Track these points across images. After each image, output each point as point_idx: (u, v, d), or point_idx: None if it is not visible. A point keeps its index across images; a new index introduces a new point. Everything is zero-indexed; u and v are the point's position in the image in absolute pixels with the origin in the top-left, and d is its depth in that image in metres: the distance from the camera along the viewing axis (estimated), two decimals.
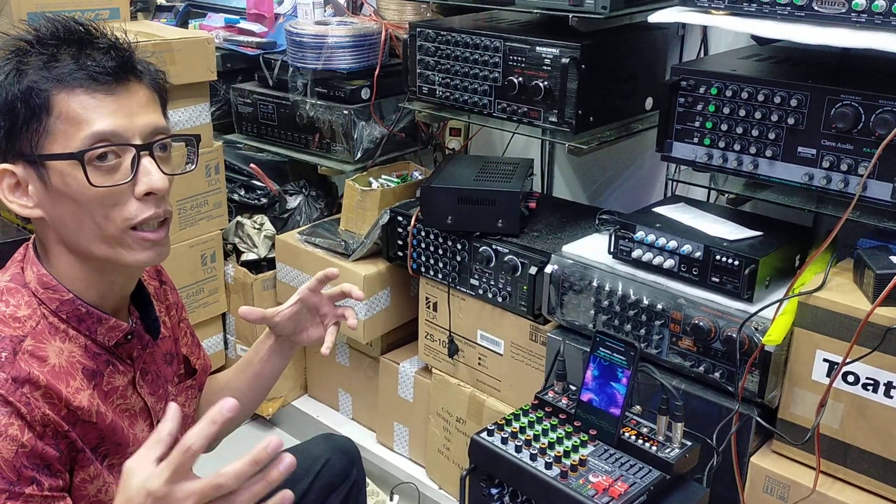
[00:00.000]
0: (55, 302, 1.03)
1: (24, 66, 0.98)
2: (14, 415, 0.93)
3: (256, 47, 2.48)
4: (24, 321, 1.00)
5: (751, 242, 1.48)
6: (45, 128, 0.98)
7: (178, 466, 0.84)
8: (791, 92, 1.35)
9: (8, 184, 1.01)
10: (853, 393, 1.33)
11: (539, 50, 1.69)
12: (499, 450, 1.24)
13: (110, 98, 1.00)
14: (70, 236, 1.02)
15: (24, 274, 1.04)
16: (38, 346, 0.99)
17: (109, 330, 1.07)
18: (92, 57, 0.99)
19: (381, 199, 2.09)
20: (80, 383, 1.02)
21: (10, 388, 0.94)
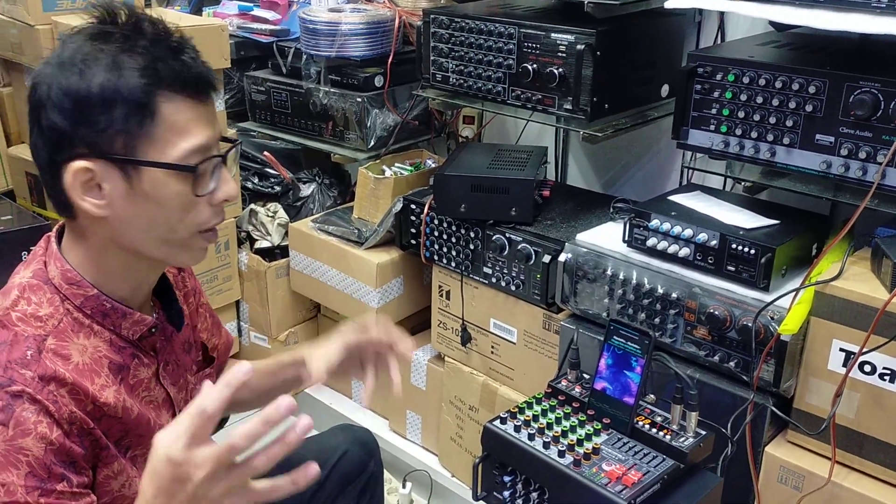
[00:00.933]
0: (79, 297, 1.02)
1: (121, 62, 0.95)
2: (42, 412, 0.93)
3: (270, 35, 2.48)
4: (45, 320, 0.99)
5: (767, 231, 1.47)
6: (146, 132, 0.96)
7: (196, 430, 0.84)
8: (809, 79, 1.34)
9: (82, 181, 0.97)
10: (869, 383, 1.32)
11: (554, 36, 1.68)
12: (512, 438, 1.24)
13: (203, 108, 1.00)
14: (131, 236, 1.01)
15: (47, 269, 1.03)
16: (61, 344, 0.99)
17: (134, 324, 1.06)
18: (190, 65, 0.99)
19: (394, 186, 2.09)
20: (106, 379, 1.02)
21: (38, 385, 0.94)
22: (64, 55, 0.96)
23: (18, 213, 2.31)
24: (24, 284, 1.02)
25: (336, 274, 2.20)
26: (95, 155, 0.96)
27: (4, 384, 0.92)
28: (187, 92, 0.98)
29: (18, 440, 0.91)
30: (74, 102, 0.95)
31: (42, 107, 0.97)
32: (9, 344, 0.95)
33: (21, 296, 1.00)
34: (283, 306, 2.42)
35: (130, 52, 0.96)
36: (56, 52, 0.98)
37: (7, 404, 0.91)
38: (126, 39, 0.97)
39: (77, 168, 0.96)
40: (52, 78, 0.96)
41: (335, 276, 2.21)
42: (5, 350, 0.95)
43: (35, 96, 0.98)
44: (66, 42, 0.98)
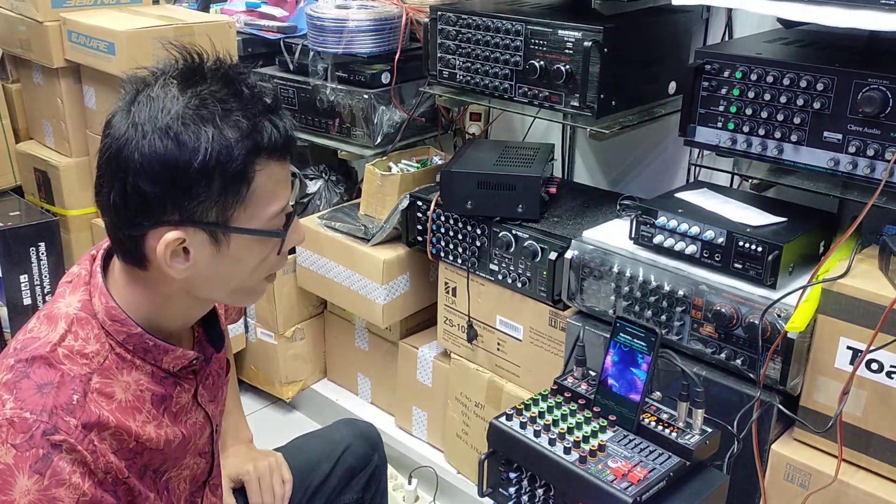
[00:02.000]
0: (122, 335, 1.00)
1: (222, 129, 0.91)
2: (78, 462, 0.93)
3: (277, 31, 2.48)
4: (91, 357, 0.97)
5: (774, 228, 1.47)
6: (241, 200, 0.94)
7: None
8: (817, 76, 1.33)
9: (174, 250, 0.94)
10: (877, 381, 1.32)
11: (561, 33, 1.68)
12: (518, 434, 1.24)
13: (286, 167, 0.99)
14: (206, 289, 1.01)
15: (93, 302, 1.00)
16: (105, 381, 0.97)
17: (175, 359, 1.05)
18: (281, 127, 0.97)
19: (400, 183, 2.09)
20: (147, 415, 1.01)
21: (80, 435, 0.93)
22: (157, 115, 0.90)
23: (27, 209, 2.33)
24: (72, 317, 0.99)
25: (342, 270, 2.20)
26: (188, 223, 0.93)
27: (49, 432, 0.91)
28: (280, 155, 0.97)
29: (52, 490, 0.91)
30: (171, 174, 0.90)
31: (129, 171, 0.91)
32: (55, 386, 0.94)
33: (69, 329, 0.98)
34: (289, 303, 2.43)
35: (229, 115, 0.92)
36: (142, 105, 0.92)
37: (47, 454, 0.91)
38: (222, 101, 0.92)
39: (170, 239, 0.93)
40: (145, 143, 0.90)
41: (342, 273, 2.21)
42: (52, 393, 0.93)
43: (119, 160, 0.92)
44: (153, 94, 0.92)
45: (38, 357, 0.95)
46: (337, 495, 1.47)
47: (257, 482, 1.39)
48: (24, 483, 0.90)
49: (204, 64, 0.96)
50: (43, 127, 2.55)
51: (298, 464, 1.45)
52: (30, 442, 0.90)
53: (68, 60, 2.32)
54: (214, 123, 0.91)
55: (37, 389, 0.93)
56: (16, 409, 0.92)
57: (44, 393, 0.93)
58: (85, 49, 2.23)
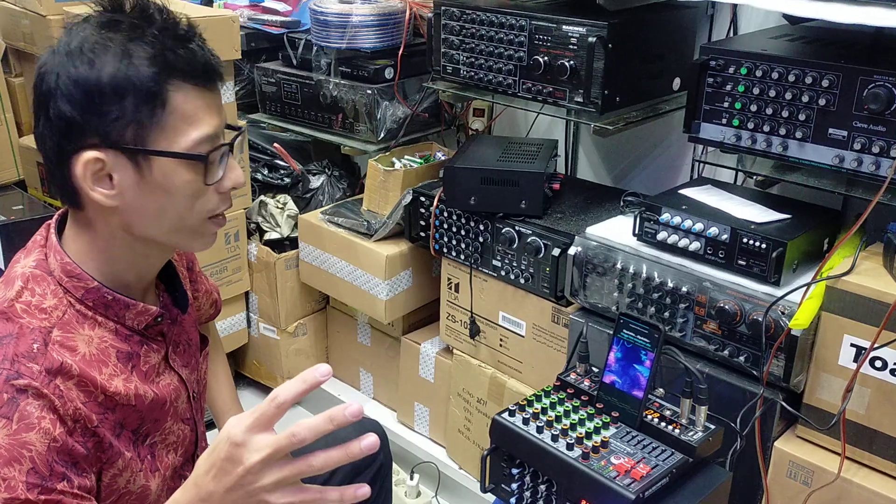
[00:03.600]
0: (80, 290, 1.01)
1: (131, 52, 0.95)
2: (47, 408, 0.92)
3: (281, 26, 2.48)
4: (50, 312, 0.98)
5: (778, 225, 1.46)
6: (157, 121, 0.96)
7: (262, 417, 0.85)
8: (823, 72, 1.33)
9: (93, 171, 0.97)
10: (881, 378, 1.32)
11: (565, 29, 1.67)
12: (520, 430, 1.24)
13: (211, 96, 1.01)
14: (142, 224, 1.02)
15: (48, 261, 1.02)
16: (67, 335, 0.98)
17: (138, 315, 1.06)
18: (198, 53, 0.99)
19: (403, 179, 2.09)
20: (114, 369, 1.02)
21: (45, 379, 0.93)
22: (72, 44, 0.95)
23: (30, 203, 2.33)
24: (27, 275, 1.00)
25: (345, 266, 2.20)
26: (106, 145, 0.96)
27: (11, 377, 0.91)
28: (196, 80, 0.98)
29: (22, 434, 0.90)
30: (85, 92, 0.94)
31: (51, 96, 0.96)
32: (15, 336, 0.95)
33: (25, 286, 0.99)
34: (292, 298, 2.43)
35: (139, 40, 0.96)
36: (63, 40, 0.97)
37: (12, 398, 0.91)
38: (134, 28, 0.96)
39: (88, 158, 0.96)
40: (60, 67, 0.95)
41: (344, 268, 2.21)
42: (11, 343, 0.94)
43: (42, 86, 0.97)
44: (73, 31, 0.97)
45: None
46: None
47: None
48: None
49: (123, 4, 1.00)
50: None
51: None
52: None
53: None
54: (123, 44, 0.95)
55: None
56: None
57: (3, 344, 0.94)
58: None
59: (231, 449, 0.85)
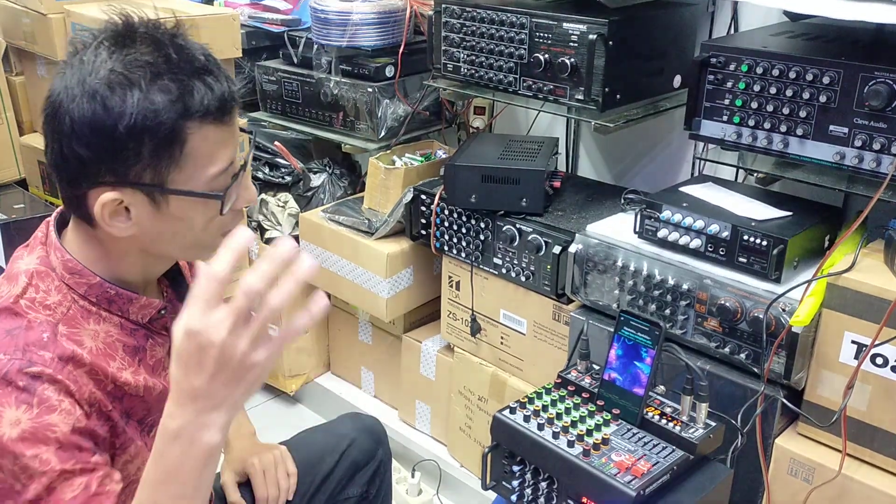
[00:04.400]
0: (83, 286, 1.01)
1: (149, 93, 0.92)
2: (63, 392, 0.93)
3: (281, 24, 2.48)
4: (54, 308, 0.99)
5: (779, 223, 1.46)
6: (175, 162, 0.95)
7: (208, 296, 0.81)
8: (823, 69, 1.33)
9: (111, 211, 0.96)
10: (881, 375, 1.32)
11: (566, 26, 1.67)
12: (521, 427, 1.24)
13: (227, 128, 0.99)
14: (157, 246, 1.02)
15: (50, 259, 1.02)
16: (73, 331, 0.98)
17: (141, 308, 1.06)
18: (215, 88, 0.96)
19: (404, 177, 2.09)
20: (122, 362, 1.02)
21: (57, 366, 0.93)
22: (87, 81, 0.92)
23: (31, 202, 2.33)
24: (31, 271, 1.01)
25: (346, 264, 2.20)
26: (123, 184, 0.95)
27: (24, 366, 0.92)
28: (214, 118, 0.96)
29: (44, 417, 0.91)
30: (101, 136, 0.92)
31: (63, 135, 0.94)
32: (24, 328, 0.95)
33: (30, 283, 0.99)
34: None
35: (157, 80, 0.93)
36: (75, 69, 0.94)
37: (28, 384, 0.91)
38: (150, 65, 0.93)
39: (105, 200, 0.95)
40: (75, 107, 0.92)
41: (345, 267, 2.21)
42: (21, 334, 0.95)
43: (55, 122, 0.94)
44: (86, 59, 0.94)
45: (2, 309, 0.96)
46: (341, 489, 1.47)
47: (262, 475, 1.39)
48: (11, 414, 0.89)
49: (136, 27, 0.97)
50: None
51: (303, 458, 1.45)
52: (6, 378, 0.91)
53: None
54: (140, 87, 0.92)
55: (5, 333, 0.94)
56: None
57: (13, 335, 0.94)
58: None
59: (195, 339, 0.81)
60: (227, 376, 0.83)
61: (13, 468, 0.89)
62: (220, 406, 0.84)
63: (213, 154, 0.98)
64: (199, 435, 0.84)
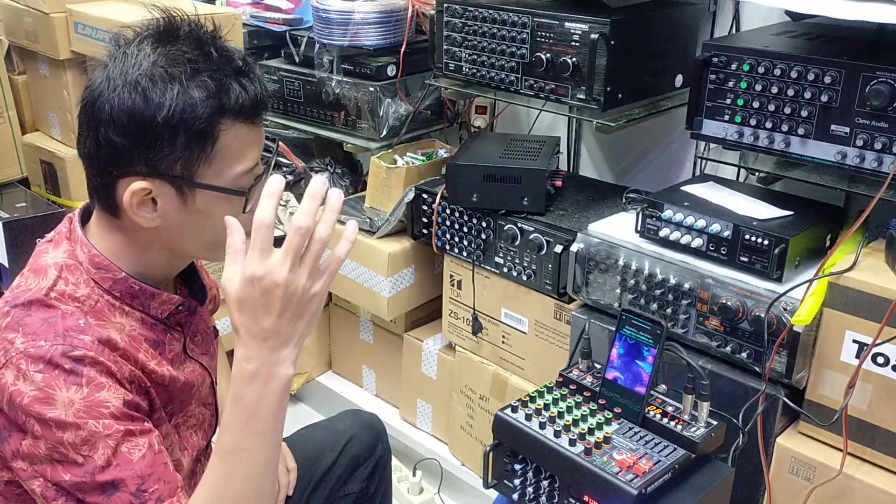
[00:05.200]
0: (108, 281, 1.04)
1: (189, 88, 0.95)
2: (105, 373, 0.96)
3: (283, 24, 2.48)
4: (83, 301, 1.01)
5: (781, 222, 1.46)
6: (206, 157, 0.98)
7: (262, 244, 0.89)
8: (825, 69, 1.33)
9: (139, 199, 0.99)
10: (883, 374, 1.32)
11: (568, 25, 1.67)
12: (523, 426, 1.24)
13: (256, 130, 1.03)
14: (180, 241, 1.04)
15: (76, 252, 1.04)
16: (100, 323, 1.01)
17: (162, 304, 1.08)
18: (250, 89, 1.00)
19: (406, 176, 2.09)
20: (146, 354, 1.05)
21: (98, 348, 0.96)
22: (129, 74, 0.95)
23: (33, 201, 2.33)
24: (60, 264, 1.02)
25: (348, 263, 2.21)
26: (153, 175, 0.98)
27: (67, 350, 0.94)
28: (246, 117, 1.00)
29: (95, 395, 0.94)
30: (138, 126, 0.95)
31: (101, 122, 0.97)
32: (59, 316, 0.98)
33: (59, 275, 1.01)
34: None
35: (197, 77, 0.96)
36: (118, 63, 0.97)
37: (74, 367, 0.94)
38: (192, 62, 0.97)
39: (136, 189, 0.98)
40: (115, 96, 0.95)
41: (347, 265, 2.21)
42: (58, 320, 0.97)
43: (94, 109, 0.97)
44: (129, 53, 0.97)
45: (34, 301, 0.98)
46: (341, 486, 1.48)
47: None
48: (64, 396, 0.93)
49: (179, 26, 1.00)
50: (49, 119, 2.55)
51: (302, 454, 1.45)
52: (52, 363, 0.93)
53: (74, 52, 2.32)
54: (181, 81, 0.95)
55: (42, 322, 0.96)
56: (27, 341, 0.94)
57: (50, 323, 0.96)
58: (91, 41, 2.23)
59: (259, 284, 0.89)
60: (293, 312, 0.91)
61: (74, 441, 0.92)
62: (290, 340, 0.92)
63: (242, 152, 1.01)
64: (275, 371, 0.92)
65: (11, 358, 0.94)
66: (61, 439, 0.92)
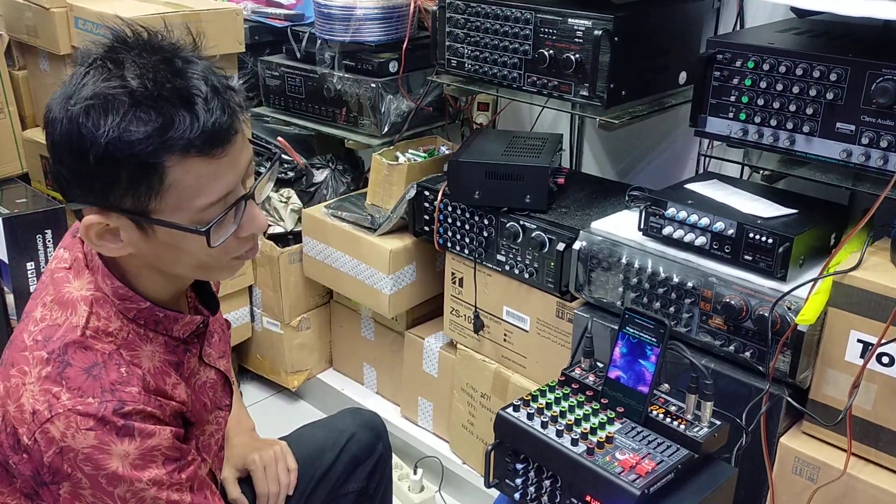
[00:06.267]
0: (133, 311, 1.02)
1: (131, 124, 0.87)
2: (153, 420, 0.98)
3: (284, 19, 2.47)
4: (115, 335, 1.00)
5: (785, 220, 1.46)
6: (156, 193, 0.90)
7: None
8: (830, 66, 1.32)
9: (97, 232, 0.95)
10: (887, 374, 1.31)
11: (571, 22, 1.66)
12: (525, 425, 1.23)
13: (224, 159, 0.92)
14: (164, 267, 1.02)
15: (100, 285, 1.01)
16: (132, 353, 1.00)
17: (185, 325, 1.08)
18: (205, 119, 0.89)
19: (407, 173, 2.08)
20: (175, 378, 1.05)
21: (144, 398, 0.98)
22: (73, 103, 0.88)
23: (33, 197, 2.32)
24: (90, 299, 1.00)
25: (349, 260, 2.20)
26: (106, 208, 0.93)
27: (118, 407, 0.95)
28: (200, 150, 0.90)
29: (148, 441, 0.96)
30: (74, 159, 0.89)
31: (50, 152, 0.93)
32: (102, 366, 0.96)
33: (91, 311, 0.99)
34: (295, 292, 2.43)
35: (138, 106, 0.87)
36: (71, 85, 0.90)
37: (125, 423, 0.95)
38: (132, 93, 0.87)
39: (88, 221, 0.93)
40: (60, 127, 0.90)
41: (348, 263, 2.20)
42: (102, 373, 0.96)
43: (48, 138, 0.92)
44: (80, 78, 0.90)
45: (71, 343, 0.97)
46: (341, 484, 1.47)
47: (263, 471, 1.39)
48: (119, 448, 0.94)
49: (130, 47, 0.91)
50: None
51: (303, 453, 1.45)
52: (104, 420, 0.94)
53: (75, 47, 2.31)
54: (117, 113, 0.87)
55: (86, 374, 0.95)
56: (75, 398, 0.93)
57: (94, 376, 0.95)
58: (92, 36, 2.22)
59: None
60: None
61: (125, 494, 0.96)
62: None
63: (201, 187, 0.92)
64: None
65: (59, 414, 0.92)
66: (112, 493, 0.95)
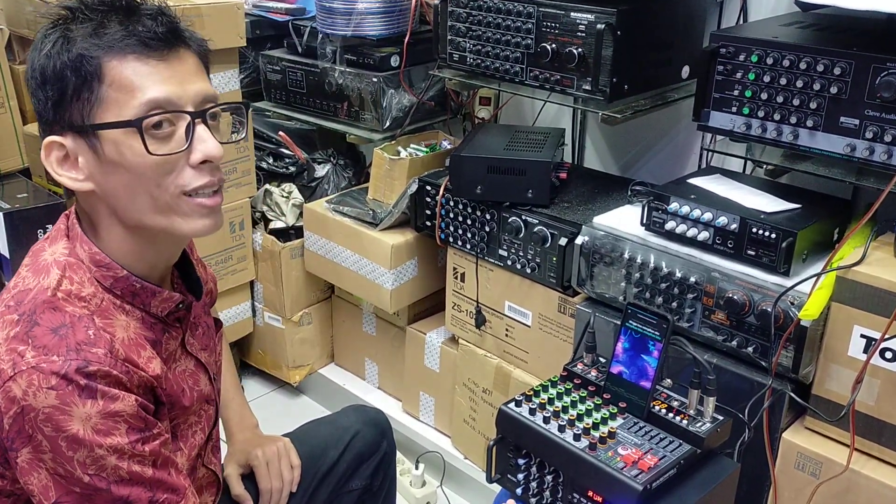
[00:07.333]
0: (109, 279, 1.02)
1: (71, 34, 0.97)
2: (116, 383, 0.96)
3: (286, 13, 2.46)
4: (88, 300, 1.00)
5: (788, 215, 1.45)
6: (97, 96, 0.96)
7: None
8: (834, 60, 1.31)
9: (56, 157, 1.00)
10: (890, 370, 1.30)
11: (573, 16, 1.65)
12: (527, 420, 1.23)
13: (162, 64, 0.98)
14: (123, 208, 1.02)
15: (76, 250, 1.03)
16: (106, 322, 1.00)
17: (162, 302, 1.07)
18: (141, 23, 0.98)
19: (409, 168, 2.08)
20: (150, 353, 1.04)
21: (111, 361, 0.96)
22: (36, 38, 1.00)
23: (34, 191, 2.32)
24: (63, 262, 1.01)
25: (350, 255, 2.19)
26: (64, 129, 0.99)
27: (82, 366, 0.93)
28: (137, 49, 0.97)
29: (110, 405, 0.94)
30: (38, 82, 0.98)
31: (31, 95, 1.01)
32: (70, 326, 0.96)
33: (63, 274, 1.00)
34: (297, 287, 2.42)
35: (79, 21, 0.97)
36: None
37: (87, 384, 0.93)
38: (75, 11, 0.98)
39: (46, 143, 0.99)
40: (31, 66, 1.00)
41: (350, 257, 2.20)
42: (69, 332, 0.95)
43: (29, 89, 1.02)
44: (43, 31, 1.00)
45: (41, 303, 0.97)
46: (345, 482, 1.47)
47: (266, 467, 1.39)
48: (81, 410, 0.93)
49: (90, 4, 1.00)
50: None
51: (307, 450, 1.45)
52: (67, 377, 0.93)
53: None
54: (64, 27, 0.97)
55: (53, 333, 0.95)
56: (39, 355, 0.93)
57: (61, 336, 0.95)
58: None
59: None
60: None
61: (85, 460, 0.94)
62: None
63: (135, 85, 0.97)
64: None
65: (22, 371, 0.92)
66: (71, 458, 0.93)
